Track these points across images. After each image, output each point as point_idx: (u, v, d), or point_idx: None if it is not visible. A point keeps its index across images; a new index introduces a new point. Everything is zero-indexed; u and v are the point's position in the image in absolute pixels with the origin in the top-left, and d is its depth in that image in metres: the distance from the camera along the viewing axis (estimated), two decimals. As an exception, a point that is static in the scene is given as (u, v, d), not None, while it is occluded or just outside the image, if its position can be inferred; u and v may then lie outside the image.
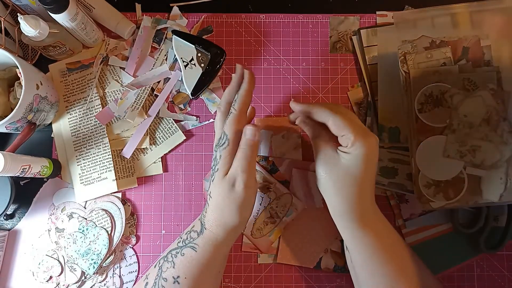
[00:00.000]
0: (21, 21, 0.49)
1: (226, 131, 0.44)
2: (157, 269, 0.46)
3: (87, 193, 0.57)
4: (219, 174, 0.44)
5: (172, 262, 0.45)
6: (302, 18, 0.61)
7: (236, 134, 0.44)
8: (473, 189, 0.52)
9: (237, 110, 0.44)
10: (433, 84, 0.54)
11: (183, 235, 0.48)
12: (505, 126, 0.52)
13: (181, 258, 0.45)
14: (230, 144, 0.44)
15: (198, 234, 0.46)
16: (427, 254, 0.57)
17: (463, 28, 0.56)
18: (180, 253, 0.45)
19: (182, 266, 0.45)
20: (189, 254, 0.45)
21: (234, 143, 0.44)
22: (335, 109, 0.44)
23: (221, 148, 0.44)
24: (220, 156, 0.44)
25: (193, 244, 0.45)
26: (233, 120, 0.44)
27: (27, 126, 0.52)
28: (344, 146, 0.44)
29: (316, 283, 0.57)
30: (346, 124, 0.43)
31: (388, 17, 0.61)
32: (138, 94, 0.58)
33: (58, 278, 0.55)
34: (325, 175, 0.45)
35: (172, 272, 0.45)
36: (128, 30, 0.59)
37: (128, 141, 0.58)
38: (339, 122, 0.43)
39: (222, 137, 0.44)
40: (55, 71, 0.59)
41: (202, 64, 0.57)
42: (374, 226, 0.46)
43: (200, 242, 0.45)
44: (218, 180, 0.44)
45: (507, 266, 0.57)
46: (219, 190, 0.44)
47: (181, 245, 0.46)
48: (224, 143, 0.44)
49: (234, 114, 0.44)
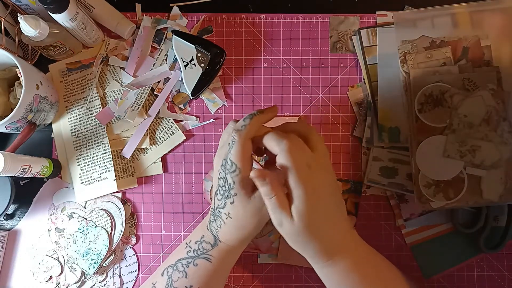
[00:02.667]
0: (21, 21, 0.49)
1: (234, 161, 0.41)
2: (166, 278, 0.46)
3: (87, 193, 0.57)
4: (241, 197, 0.42)
5: (184, 272, 0.45)
6: (302, 18, 0.61)
7: (245, 161, 0.41)
8: (473, 189, 0.52)
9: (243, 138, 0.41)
10: (433, 84, 0.54)
11: (192, 244, 0.46)
12: (505, 126, 0.52)
13: (194, 269, 0.45)
14: (243, 171, 0.41)
15: (212, 246, 0.45)
16: (427, 254, 0.57)
17: (463, 28, 0.56)
18: (193, 263, 0.45)
19: (196, 276, 0.45)
20: (203, 265, 0.45)
21: (245, 169, 0.41)
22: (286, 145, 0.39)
23: (233, 175, 0.41)
24: (234, 181, 0.41)
25: (207, 255, 0.45)
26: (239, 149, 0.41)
27: (27, 126, 0.52)
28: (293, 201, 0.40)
29: (316, 283, 0.57)
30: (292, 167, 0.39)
31: (388, 17, 0.61)
32: (138, 94, 0.58)
33: (58, 278, 0.55)
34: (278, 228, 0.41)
35: (185, 282, 0.45)
36: (128, 30, 0.59)
37: (128, 141, 0.58)
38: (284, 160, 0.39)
39: (231, 164, 0.41)
40: (55, 71, 0.59)
41: (202, 64, 0.57)
42: (347, 256, 0.43)
43: (215, 253, 0.45)
44: (242, 202, 0.42)
45: (507, 266, 0.57)
46: (243, 211, 0.42)
47: (193, 255, 0.46)
48: (235, 171, 0.41)
49: (236, 143, 0.41)
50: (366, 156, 0.58)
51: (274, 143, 0.40)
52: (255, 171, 0.39)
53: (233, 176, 0.41)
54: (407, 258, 0.57)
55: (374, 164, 0.58)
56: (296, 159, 0.39)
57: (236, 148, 0.41)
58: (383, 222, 0.58)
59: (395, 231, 0.58)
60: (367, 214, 0.58)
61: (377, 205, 0.58)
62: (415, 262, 0.57)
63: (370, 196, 0.58)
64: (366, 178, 0.58)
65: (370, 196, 0.58)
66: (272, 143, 0.40)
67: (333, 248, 0.43)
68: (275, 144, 0.40)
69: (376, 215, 0.58)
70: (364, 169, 0.58)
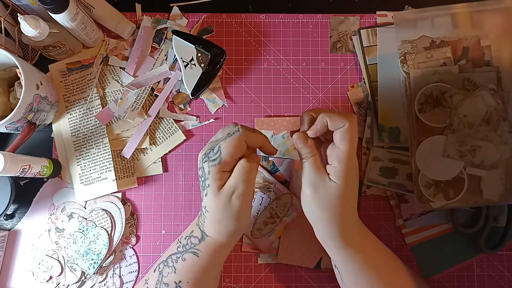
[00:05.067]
0: (21, 21, 0.49)
1: (222, 149, 0.42)
2: (157, 274, 0.46)
3: (87, 193, 0.57)
4: (212, 190, 0.43)
5: (173, 267, 0.45)
6: (302, 18, 0.61)
7: (231, 157, 0.42)
8: (473, 189, 0.52)
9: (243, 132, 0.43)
10: (433, 84, 0.54)
11: (182, 239, 0.47)
12: (505, 126, 0.52)
13: (182, 264, 0.45)
14: (222, 164, 0.42)
15: (199, 240, 0.46)
16: (427, 254, 0.57)
17: (463, 28, 0.56)
18: (181, 258, 0.45)
19: (184, 271, 0.45)
20: (190, 260, 0.45)
21: (225, 165, 0.42)
22: (350, 119, 0.44)
23: (211, 164, 0.42)
24: (209, 171, 0.43)
25: (194, 249, 0.45)
26: (235, 142, 0.42)
27: (27, 126, 0.52)
28: (330, 163, 0.44)
29: (316, 283, 0.57)
30: (350, 140, 0.43)
31: (388, 17, 0.61)
32: (138, 94, 0.58)
33: (58, 278, 0.55)
34: (310, 194, 0.44)
35: (174, 277, 0.45)
36: (128, 30, 0.59)
37: (128, 141, 0.58)
38: (347, 133, 0.43)
39: (216, 151, 0.43)
40: (55, 71, 0.59)
41: (202, 64, 0.57)
42: (362, 243, 0.46)
43: (202, 248, 0.45)
44: (212, 195, 0.43)
45: (507, 266, 0.57)
46: (215, 205, 0.43)
47: (182, 250, 0.46)
48: (216, 160, 0.42)
49: (238, 134, 0.43)
50: (366, 156, 0.58)
51: (339, 118, 0.43)
52: (298, 134, 0.45)
53: (210, 165, 0.42)
54: (407, 258, 0.57)
55: (374, 164, 0.58)
56: (354, 137, 0.43)
57: (234, 137, 0.42)
58: (383, 222, 0.58)
59: (395, 231, 0.58)
60: (367, 214, 0.58)
61: (377, 205, 0.58)
62: (415, 262, 0.57)
63: (370, 196, 0.58)
64: (366, 178, 0.58)
65: (370, 196, 0.58)
66: (336, 118, 0.43)
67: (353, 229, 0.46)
68: (339, 119, 0.43)
69: (376, 215, 0.58)
70: (364, 169, 0.58)
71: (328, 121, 0.43)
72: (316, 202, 0.44)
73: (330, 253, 0.47)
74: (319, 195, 0.43)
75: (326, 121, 0.44)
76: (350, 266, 0.46)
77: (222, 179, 0.43)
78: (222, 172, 0.43)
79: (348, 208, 0.45)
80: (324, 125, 0.44)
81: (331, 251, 0.46)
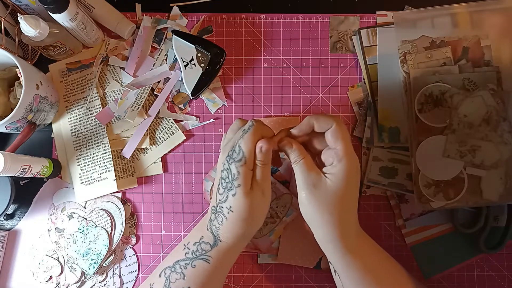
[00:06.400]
0: (21, 21, 0.49)
1: (243, 148, 0.43)
2: (164, 279, 0.46)
3: (87, 193, 0.57)
4: (243, 189, 0.43)
5: (182, 274, 0.45)
6: (302, 18, 0.61)
7: (252, 152, 0.43)
8: (473, 189, 0.52)
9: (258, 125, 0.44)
10: (433, 84, 0.54)
11: (191, 245, 0.46)
12: (505, 126, 0.52)
13: (192, 270, 0.45)
14: (248, 162, 0.43)
15: (211, 246, 0.45)
16: (427, 254, 0.57)
17: (463, 28, 0.56)
18: (191, 265, 0.45)
19: (194, 277, 0.45)
20: (201, 267, 0.45)
21: (251, 161, 0.43)
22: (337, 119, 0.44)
23: (239, 164, 0.43)
24: (238, 172, 0.43)
25: (205, 256, 0.45)
26: (252, 136, 0.43)
27: (27, 126, 0.52)
28: (328, 165, 0.44)
29: (316, 283, 0.57)
30: (343, 137, 0.43)
31: (388, 17, 0.61)
32: (138, 94, 0.58)
33: (58, 278, 0.55)
34: (306, 196, 0.44)
35: (182, 283, 0.45)
36: (128, 30, 0.59)
37: (128, 141, 0.58)
38: (338, 132, 0.43)
39: (238, 152, 0.43)
40: (55, 71, 0.59)
41: (202, 64, 0.57)
42: (360, 247, 0.46)
43: (214, 254, 0.45)
44: (244, 193, 0.43)
45: (507, 266, 0.57)
46: (244, 204, 0.43)
47: (191, 257, 0.46)
48: (241, 160, 0.43)
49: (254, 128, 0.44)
50: (366, 156, 0.58)
51: (325, 119, 0.44)
52: (283, 139, 0.45)
53: (238, 166, 0.43)
54: (407, 258, 0.57)
55: (374, 164, 0.58)
56: (346, 134, 0.44)
57: (250, 132, 0.43)
58: (383, 222, 0.58)
59: (395, 231, 0.58)
60: (367, 214, 0.58)
61: (377, 205, 0.58)
62: (415, 262, 0.57)
63: (370, 196, 0.58)
64: (366, 178, 0.58)
65: (370, 196, 0.58)
66: (323, 118, 0.44)
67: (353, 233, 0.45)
68: (325, 120, 0.44)
69: (376, 215, 0.58)
70: (364, 169, 0.58)
71: (315, 122, 0.44)
72: (312, 204, 0.43)
73: (330, 257, 0.46)
74: (315, 196, 0.43)
75: (313, 123, 0.44)
76: (350, 272, 0.45)
77: (250, 177, 0.44)
78: (250, 171, 0.43)
79: (348, 210, 0.44)
80: (309, 125, 0.44)
81: (331, 255, 0.46)
